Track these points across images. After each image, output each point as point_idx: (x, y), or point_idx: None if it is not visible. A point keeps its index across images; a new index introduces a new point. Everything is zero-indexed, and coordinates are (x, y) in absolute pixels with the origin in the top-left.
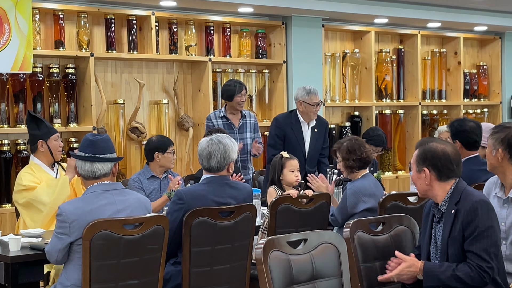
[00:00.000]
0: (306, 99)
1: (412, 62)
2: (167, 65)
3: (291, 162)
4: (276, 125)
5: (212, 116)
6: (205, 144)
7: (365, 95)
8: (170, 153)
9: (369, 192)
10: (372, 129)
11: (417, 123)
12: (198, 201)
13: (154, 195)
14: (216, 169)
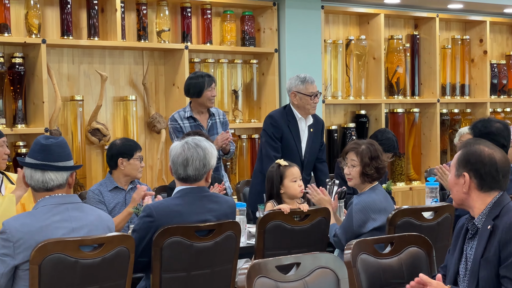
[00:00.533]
0: (301, 89)
1: (429, 51)
2: (134, 54)
3: (292, 171)
4: (271, 124)
5: (177, 117)
6: (180, 148)
7: (373, 91)
8: (137, 160)
9: (379, 208)
10: (381, 131)
11: (435, 124)
12: (172, 218)
13: (118, 210)
14: (193, 179)
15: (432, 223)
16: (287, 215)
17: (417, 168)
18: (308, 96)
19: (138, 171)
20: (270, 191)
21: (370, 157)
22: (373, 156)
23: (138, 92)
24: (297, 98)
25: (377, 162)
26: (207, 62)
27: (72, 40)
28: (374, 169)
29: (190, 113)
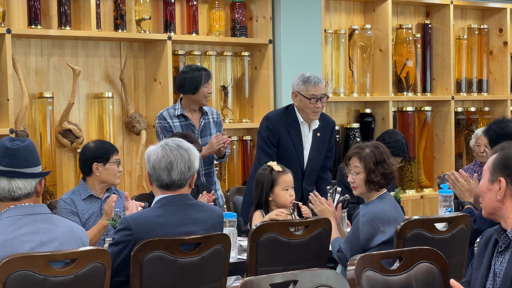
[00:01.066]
0: (301, 89)
1: (442, 43)
2: (111, 46)
3: (285, 178)
4: (268, 126)
5: (166, 115)
6: (160, 151)
7: (380, 87)
8: (113, 164)
9: (388, 218)
10: (388, 133)
11: (449, 124)
12: (152, 231)
13: (93, 221)
14: (178, 185)
15: (446, 236)
16: (283, 227)
17: (429, 173)
18: (307, 99)
19: (115, 177)
20: (258, 198)
21: (375, 162)
22: (378, 160)
23: (115, 89)
24: (297, 99)
25: (383, 167)
26: (192, 55)
27: (41, 29)
28: (381, 175)
29: (181, 111)
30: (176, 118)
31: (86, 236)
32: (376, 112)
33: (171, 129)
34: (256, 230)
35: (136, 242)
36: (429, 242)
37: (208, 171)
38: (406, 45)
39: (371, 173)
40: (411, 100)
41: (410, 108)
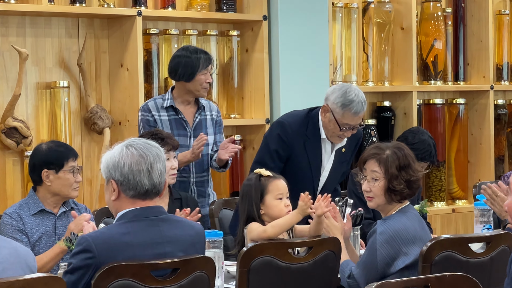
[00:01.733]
0: (336, 111)
1: (478, 19)
2: (67, 23)
3: (277, 184)
4: (280, 136)
5: (152, 106)
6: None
7: (401, 74)
8: (69, 172)
9: (412, 237)
10: (412, 131)
11: (487, 120)
12: (118, 253)
13: (44, 242)
14: (157, 190)
15: (484, 259)
16: (281, 248)
17: (463, 182)
18: (338, 125)
19: (70, 188)
20: (247, 213)
21: (399, 167)
22: (402, 164)
23: (71, 77)
24: (327, 117)
25: (408, 173)
26: (168, 34)
27: None
28: (404, 183)
29: (171, 102)
30: (164, 111)
31: (34, 260)
32: (397, 106)
33: (155, 123)
34: (247, 252)
35: (98, 267)
36: (462, 267)
37: (201, 179)
38: (433, 22)
39: (393, 179)
40: (440, 90)
41: (439, 101)
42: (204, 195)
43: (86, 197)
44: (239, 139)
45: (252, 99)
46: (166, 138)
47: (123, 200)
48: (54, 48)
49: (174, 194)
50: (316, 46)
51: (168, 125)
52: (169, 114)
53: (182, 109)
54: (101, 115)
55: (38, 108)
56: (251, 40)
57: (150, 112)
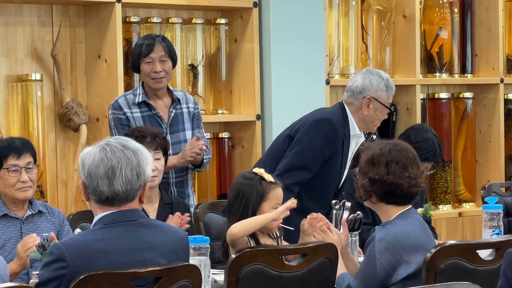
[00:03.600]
0: (383, 96)
1: (487, 6)
2: (39, 11)
3: (277, 193)
4: (328, 136)
5: (123, 103)
6: (98, 153)
7: (404, 66)
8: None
9: (414, 244)
10: (415, 129)
11: (496, 116)
12: (94, 261)
13: (10, 250)
14: (123, 198)
15: (492, 267)
16: (272, 255)
17: (470, 183)
18: (386, 108)
19: (14, 189)
20: (240, 214)
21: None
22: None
23: (44, 69)
24: (371, 108)
25: (376, 171)
26: (150, 23)
27: None
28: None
29: (143, 97)
30: (136, 107)
31: (6, 267)
32: (399, 100)
33: (128, 121)
34: (236, 259)
35: (73, 278)
36: (469, 275)
37: (180, 179)
38: (439, 9)
39: (361, 175)
40: (445, 83)
41: (445, 95)
42: (184, 196)
43: (60, 200)
44: (227, 136)
45: (241, 94)
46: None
47: (92, 203)
48: (26, 38)
49: (164, 199)
50: (311, 35)
51: (141, 122)
52: (141, 111)
53: (155, 104)
54: (77, 110)
55: (9, 103)
56: (240, 29)
57: (121, 109)
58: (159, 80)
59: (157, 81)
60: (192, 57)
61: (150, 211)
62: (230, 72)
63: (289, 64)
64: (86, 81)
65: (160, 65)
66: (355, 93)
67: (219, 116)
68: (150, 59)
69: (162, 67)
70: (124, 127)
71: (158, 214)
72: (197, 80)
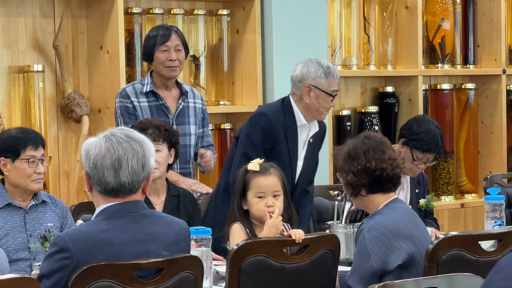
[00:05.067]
0: (322, 84)
1: None
2: (41, 2)
3: (259, 181)
4: (263, 127)
5: (130, 92)
6: (104, 144)
7: (406, 57)
8: (25, 162)
9: (403, 232)
10: (417, 120)
11: (499, 106)
12: (97, 251)
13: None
14: (128, 190)
15: (495, 258)
16: (274, 246)
17: (472, 174)
18: (329, 96)
19: (29, 180)
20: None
21: (344, 159)
22: (347, 156)
23: (46, 60)
24: (312, 96)
25: (356, 163)
26: (152, 14)
27: None
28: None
29: (151, 87)
30: (144, 97)
31: (6, 260)
32: (401, 91)
33: (134, 110)
34: (238, 251)
35: (76, 268)
36: (471, 266)
37: (184, 171)
38: (441, 0)
39: (344, 173)
40: (447, 74)
41: (447, 86)
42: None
43: (63, 191)
44: (229, 127)
45: (243, 85)
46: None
47: (95, 193)
48: (28, 29)
49: (172, 191)
50: (313, 26)
51: (148, 112)
52: (149, 100)
53: (163, 94)
54: (79, 101)
55: (10, 94)
56: (242, 20)
57: (128, 98)
58: (173, 68)
59: (171, 69)
60: (194, 48)
61: (157, 203)
62: (232, 63)
63: (291, 55)
64: (88, 72)
65: (175, 54)
66: (295, 82)
67: (221, 107)
68: (166, 47)
69: (177, 56)
70: (131, 115)
71: (165, 207)
72: (199, 71)
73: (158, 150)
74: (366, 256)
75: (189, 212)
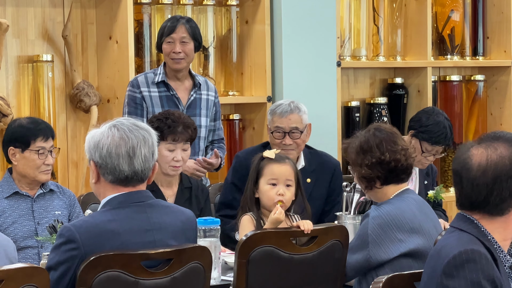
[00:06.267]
0: (269, 121)
1: None
2: None
3: (273, 168)
4: (235, 167)
5: (142, 82)
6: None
7: (415, 48)
8: (34, 153)
9: (410, 225)
10: (426, 112)
11: (508, 98)
12: (104, 241)
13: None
14: (139, 178)
15: None
16: (283, 237)
17: None
18: (270, 132)
19: (37, 171)
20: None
21: (357, 153)
22: (360, 150)
23: (55, 50)
24: (269, 135)
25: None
26: (161, 4)
27: None
28: (368, 168)
29: (163, 77)
30: (155, 86)
31: (14, 250)
32: (410, 83)
33: (142, 101)
34: (246, 241)
35: (83, 259)
36: None
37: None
38: None
39: (357, 167)
40: (457, 66)
41: (456, 77)
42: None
43: (71, 181)
44: (238, 118)
45: (252, 75)
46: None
47: (103, 184)
48: (37, 19)
49: (184, 183)
50: (322, 17)
51: (158, 102)
52: (160, 91)
53: (174, 85)
54: (88, 91)
55: (20, 84)
56: (251, 11)
57: (138, 88)
58: (178, 61)
59: (175, 62)
60: (203, 38)
61: (169, 195)
62: (241, 54)
63: (300, 46)
64: (97, 62)
65: (181, 46)
66: None
67: (230, 97)
68: (171, 39)
69: (182, 48)
70: (137, 106)
71: (176, 198)
72: (208, 61)
73: (185, 150)
74: (364, 242)
75: (201, 205)
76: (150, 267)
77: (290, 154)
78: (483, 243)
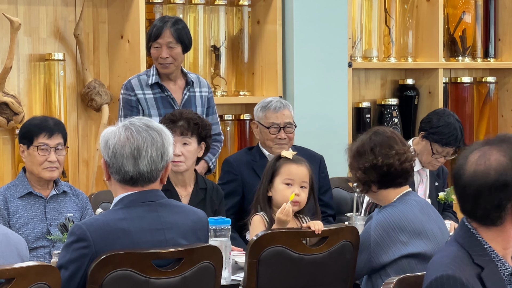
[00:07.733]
0: (260, 117)
1: None
2: None
3: (290, 168)
4: (229, 171)
5: (135, 84)
6: (124, 133)
7: (426, 50)
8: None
9: (413, 228)
10: (437, 113)
11: None
12: (115, 240)
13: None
14: (146, 179)
15: None
16: (293, 237)
17: None
18: (266, 128)
19: (41, 167)
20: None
21: (353, 157)
22: (355, 154)
23: (67, 48)
24: (258, 131)
25: (363, 160)
26: (173, 3)
27: None
28: (362, 171)
29: (156, 78)
30: (149, 88)
31: (26, 248)
32: (421, 84)
33: (137, 103)
34: (257, 241)
35: (94, 257)
36: None
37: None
38: None
39: (353, 170)
40: (468, 68)
41: (467, 79)
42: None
43: (82, 180)
44: (249, 118)
45: (263, 75)
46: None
47: (113, 182)
48: (49, 17)
49: (200, 183)
50: (334, 17)
51: (154, 104)
52: (154, 92)
53: (168, 85)
54: (99, 90)
55: (31, 82)
56: (263, 11)
57: (133, 90)
58: (165, 66)
59: (164, 67)
60: (215, 38)
61: (183, 195)
62: (252, 54)
63: (312, 46)
64: (108, 61)
65: (168, 51)
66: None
67: (241, 97)
68: (158, 44)
69: (170, 53)
70: (133, 108)
71: (191, 199)
72: (219, 61)
73: (186, 144)
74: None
75: (215, 207)
76: (161, 266)
77: (284, 148)
78: (472, 257)
